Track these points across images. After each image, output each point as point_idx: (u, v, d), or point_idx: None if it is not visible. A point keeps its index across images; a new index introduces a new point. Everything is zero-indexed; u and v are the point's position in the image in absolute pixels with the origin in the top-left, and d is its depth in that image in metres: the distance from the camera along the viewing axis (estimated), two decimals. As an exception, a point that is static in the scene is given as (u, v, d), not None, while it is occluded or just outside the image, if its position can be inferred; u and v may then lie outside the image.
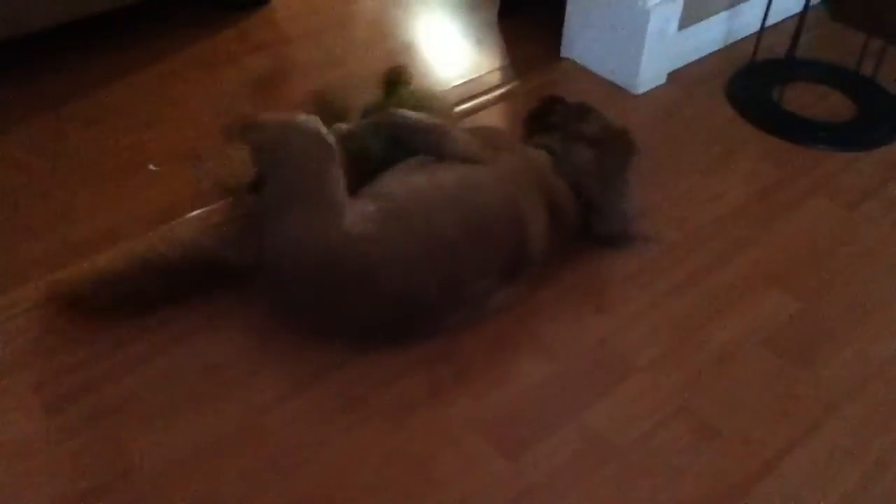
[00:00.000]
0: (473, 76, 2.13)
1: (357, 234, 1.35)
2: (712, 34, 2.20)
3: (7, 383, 1.36)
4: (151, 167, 1.82)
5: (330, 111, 1.62)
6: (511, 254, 1.43)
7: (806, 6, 2.03)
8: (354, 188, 1.46)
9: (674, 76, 2.13)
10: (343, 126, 1.56)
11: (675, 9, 2.01)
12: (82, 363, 1.39)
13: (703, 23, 2.14)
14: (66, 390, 1.35)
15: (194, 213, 1.67)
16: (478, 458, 1.27)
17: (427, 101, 1.73)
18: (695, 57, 2.19)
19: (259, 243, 1.40)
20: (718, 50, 2.23)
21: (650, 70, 2.06)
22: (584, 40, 2.13)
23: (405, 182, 1.46)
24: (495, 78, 2.13)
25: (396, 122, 1.55)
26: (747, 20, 2.23)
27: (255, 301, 1.46)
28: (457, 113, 1.91)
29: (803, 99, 2.06)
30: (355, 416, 1.33)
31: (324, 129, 1.47)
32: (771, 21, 2.14)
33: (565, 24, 2.15)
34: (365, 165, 1.53)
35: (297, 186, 1.41)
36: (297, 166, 1.43)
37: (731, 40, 2.25)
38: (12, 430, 1.30)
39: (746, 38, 2.25)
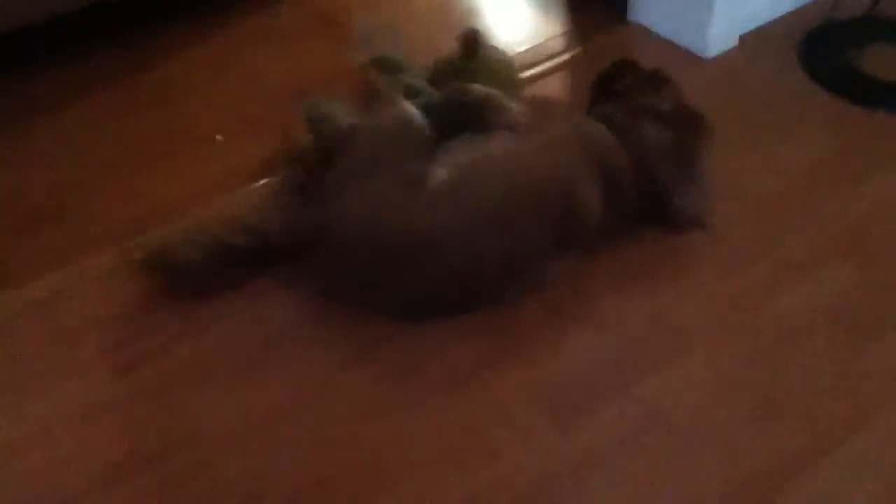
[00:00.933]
0: (536, 42, 2.09)
1: (421, 207, 1.38)
2: (786, -7, 2.11)
3: (78, 349, 1.42)
4: (218, 137, 1.86)
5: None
6: (560, 224, 1.42)
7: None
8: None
9: (746, 38, 2.05)
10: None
11: (747, -33, 1.94)
12: (148, 331, 1.44)
13: (777, -19, 2.06)
14: (133, 355, 1.40)
15: (261, 182, 1.70)
16: (531, 429, 1.28)
17: (502, 66, 1.73)
18: (769, 17, 2.10)
19: (316, 217, 1.42)
20: (793, 10, 2.14)
21: (720, 32, 1.99)
22: (652, 3, 2.07)
23: (458, 156, 1.46)
24: (559, 44, 2.09)
25: (467, 94, 1.57)
26: (825, -23, 2.13)
27: (311, 274, 1.49)
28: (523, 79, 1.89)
29: (882, 61, 1.96)
30: (409, 387, 1.35)
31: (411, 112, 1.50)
32: (851, -23, 2.04)
33: (631, -14, 2.10)
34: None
35: (377, 157, 1.43)
36: (378, 139, 1.44)
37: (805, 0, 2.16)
38: (82, 393, 1.36)
39: (824, -4, 2.15)
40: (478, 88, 1.58)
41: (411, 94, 1.63)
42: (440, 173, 1.42)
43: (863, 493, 1.19)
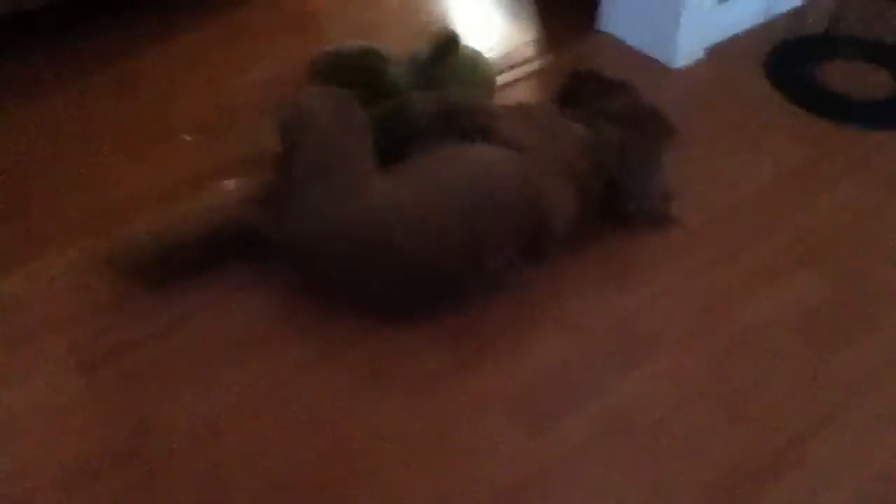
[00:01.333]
0: (506, 50, 2.11)
1: (378, 205, 1.38)
2: (752, 8, 2.15)
3: (43, 344, 1.40)
4: (186, 137, 1.84)
5: (343, 74, 1.62)
6: (529, 230, 1.43)
7: (850, -20, 1.98)
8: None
9: (712, 51, 2.09)
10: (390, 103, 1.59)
11: (714, -19, 1.97)
12: (115, 326, 1.41)
13: (742, -4, 2.10)
14: (100, 352, 1.38)
15: (228, 182, 1.68)
16: (499, 432, 1.28)
17: (477, 68, 1.73)
18: (734, 31, 2.15)
19: (282, 218, 1.41)
20: (758, 25, 2.18)
21: (688, 44, 2.03)
22: (621, 13, 2.10)
23: (427, 158, 1.47)
24: (529, 52, 2.10)
25: (452, 104, 1.58)
26: (789, -6, 2.18)
27: (282, 271, 1.48)
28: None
29: (843, 76, 2.01)
30: (379, 387, 1.34)
31: (349, 101, 1.49)
32: (813, -5, 2.10)
33: (601, -4, 2.13)
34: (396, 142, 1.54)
35: (321, 159, 1.42)
36: (321, 140, 1.44)
37: (771, 15, 2.20)
38: (47, 392, 1.33)
39: (787, 12, 2.19)
40: (466, 102, 1.60)
41: (394, 90, 1.62)
42: (392, 174, 1.43)
43: (830, 496, 1.21)
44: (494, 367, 1.37)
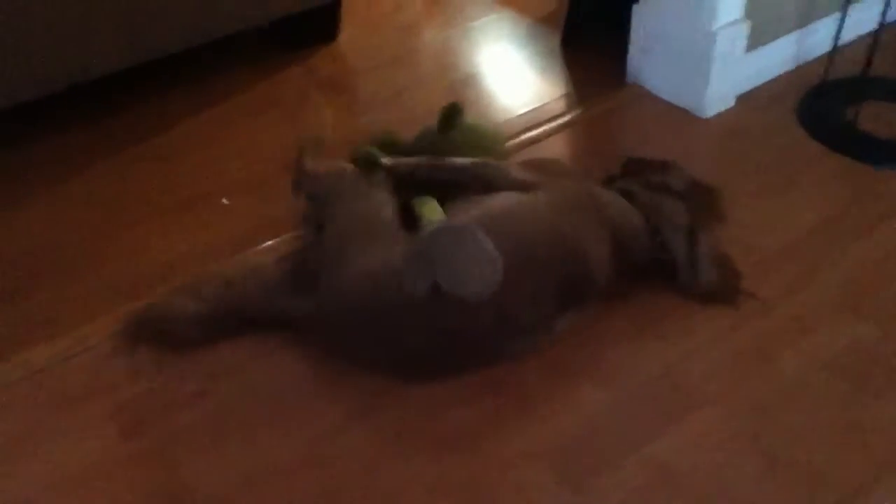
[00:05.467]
0: (537, 105, 2.13)
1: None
2: (782, 54, 2.15)
3: (81, 413, 1.41)
4: (224, 201, 1.87)
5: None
6: (565, 281, 1.42)
7: (882, 23, 1.97)
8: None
9: (743, 98, 2.09)
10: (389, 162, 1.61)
11: (743, 30, 1.97)
12: (156, 389, 1.43)
13: (772, 43, 2.10)
14: (138, 418, 1.39)
15: (266, 244, 1.71)
16: (539, 489, 1.26)
17: (482, 136, 1.75)
18: (765, 78, 2.15)
19: (315, 286, 1.43)
20: (789, 70, 2.18)
21: (718, 93, 2.03)
22: (650, 65, 2.12)
23: (453, 215, 1.48)
24: (559, 106, 2.13)
25: (445, 165, 1.60)
26: (819, 39, 2.17)
27: (312, 334, 1.48)
28: (510, 147, 1.91)
29: (878, 118, 1.99)
30: (411, 446, 1.33)
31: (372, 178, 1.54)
32: (844, 39, 2.08)
33: (630, 48, 2.14)
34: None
35: (352, 228, 1.44)
36: (350, 210, 1.47)
37: (801, 60, 2.20)
38: (85, 456, 1.34)
39: (818, 57, 2.19)
40: (455, 159, 1.61)
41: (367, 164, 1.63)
42: (418, 234, 1.42)
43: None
44: (531, 422, 1.36)
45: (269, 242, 1.71)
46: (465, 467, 1.30)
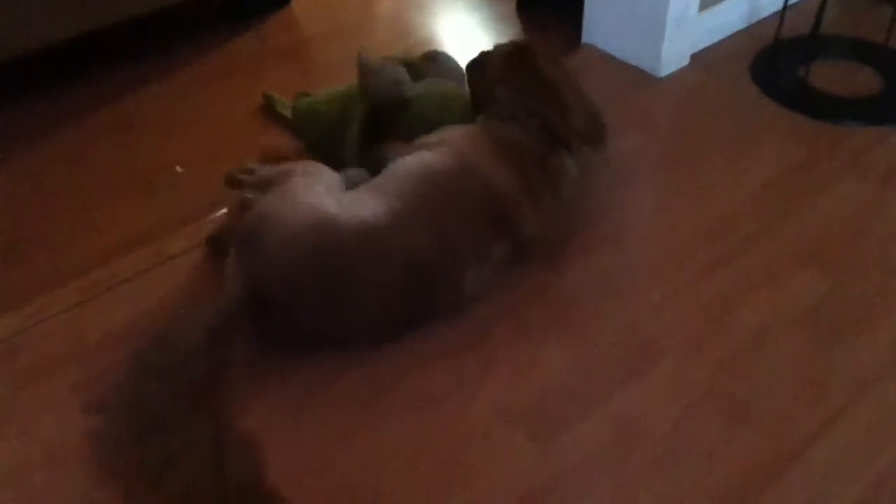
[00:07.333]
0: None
1: (345, 220, 1.36)
2: (734, 14, 2.17)
3: (45, 388, 1.39)
4: (178, 169, 1.84)
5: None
6: (489, 207, 1.44)
7: (830, -19, 2.00)
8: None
9: (697, 58, 2.10)
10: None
11: (695, -10, 1.99)
12: (116, 366, 1.39)
13: (724, 3, 2.12)
14: (102, 391, 1.35)
15: (222, 211, 1.69)
16: (507, 446, 1.27)
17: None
18: (718, 38, 2.17)
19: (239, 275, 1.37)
20: (741, 30, 2.20)
21: (672, 53, 2.04)
22: (605, 26, 2.12)
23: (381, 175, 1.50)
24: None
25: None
26: (770, -1, 2.20)
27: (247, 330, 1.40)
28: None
29: (830, 76, 2.02)
30: (381, 409, 1.33)
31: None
32: (794, -2, 2.11)
33: (585, 9, 2.14)
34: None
35: (281, 194, 1.42)
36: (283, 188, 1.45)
37: (754, 20, 2.22)
38: (52, 431, 1.32)
39: (770, 16, 2.21)
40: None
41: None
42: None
43: (840, 493, 1.19)
44: (498, 380, 1.36)
45: (225, 210, 1.68)
46: (433, 429, 1.30)
